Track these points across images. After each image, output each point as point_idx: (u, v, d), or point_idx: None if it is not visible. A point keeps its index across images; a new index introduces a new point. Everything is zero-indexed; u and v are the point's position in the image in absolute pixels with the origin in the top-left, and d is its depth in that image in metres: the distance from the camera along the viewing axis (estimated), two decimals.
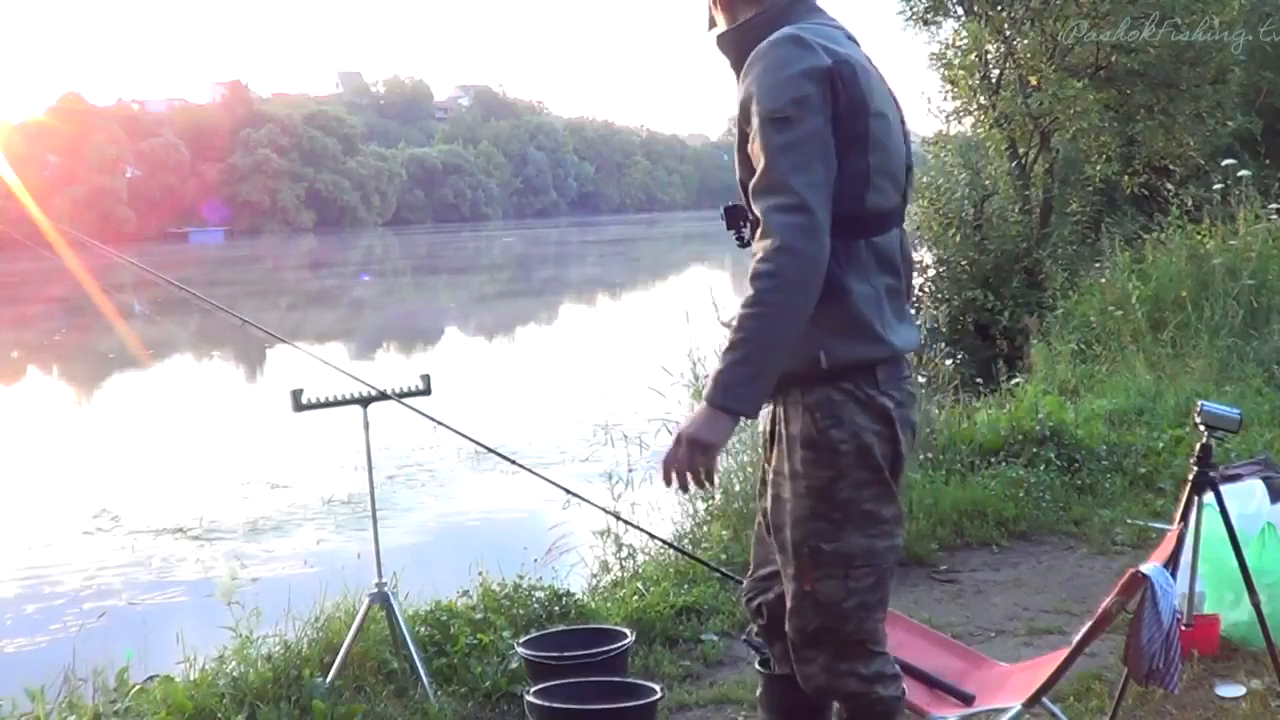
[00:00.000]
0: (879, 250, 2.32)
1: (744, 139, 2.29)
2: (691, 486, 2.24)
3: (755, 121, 2.22)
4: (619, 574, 5.01)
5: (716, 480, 2.31)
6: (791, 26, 2.28)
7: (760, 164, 2.21)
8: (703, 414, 2.19)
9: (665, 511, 5.87)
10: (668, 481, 2.25)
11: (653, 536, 4.43)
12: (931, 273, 12.12)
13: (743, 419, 2.28)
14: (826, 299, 2.21)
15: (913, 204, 12.31)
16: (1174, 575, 2.89)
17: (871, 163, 2.27)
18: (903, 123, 2.42)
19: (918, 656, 3.13)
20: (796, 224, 2.14)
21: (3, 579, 7.37)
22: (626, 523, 4.69)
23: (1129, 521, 5.45)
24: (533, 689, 3.36)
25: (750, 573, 2.63)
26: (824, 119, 2.19)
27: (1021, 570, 5.07)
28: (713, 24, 2.48)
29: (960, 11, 12.96)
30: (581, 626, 4.03)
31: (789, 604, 2.38)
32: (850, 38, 2.38)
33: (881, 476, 2.30)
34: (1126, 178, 12.30)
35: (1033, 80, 11.92)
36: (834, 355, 2.26)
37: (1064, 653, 2.78)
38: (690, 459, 2.20)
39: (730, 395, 2.17)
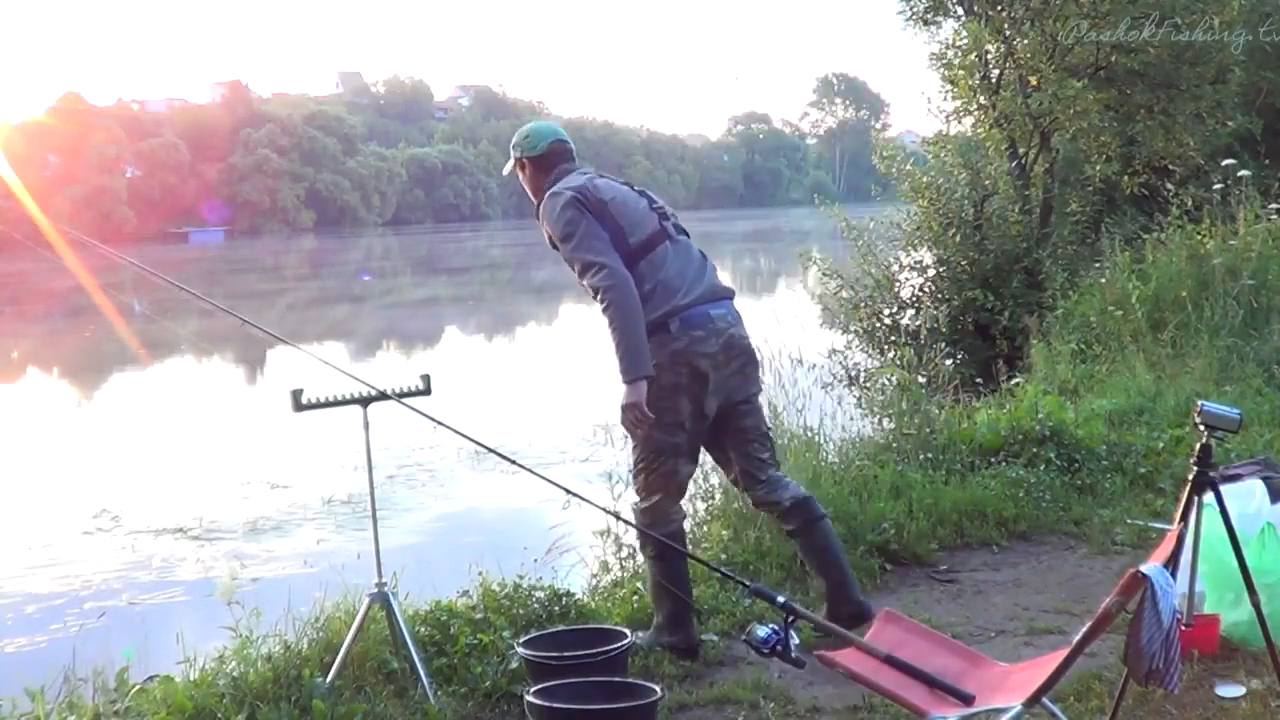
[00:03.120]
0: (652, 262, 3.99)
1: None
2: (640, 426, 3.93)
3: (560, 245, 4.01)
4: (619, 574, 5.02)
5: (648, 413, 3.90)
6: (555, 185, 4.08)
7: (572, 263, 3.98)
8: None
9: None
10: (631, 432, 4.01)
11: (653, 537, 4.42)
12: (931, 273, 12.10)
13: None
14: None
15: (912, 204, 12.40)
16: (1174, 575, 2.89)
17: (622, 225, 3.98)
18: (632, 187, 4.16)
19: (918, 656, 3.13)
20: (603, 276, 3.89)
21: (3, 579, 7.37)
22: (626, 523, 4.68)
23: (1129, 521, 5.45)
24: (533, 689, 3.36)
25: None
26: (587, 220, 3.94)
27: (1021, 570, 5.07)
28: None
29: (960, 11, 12.93)
30: (581, 626, 4.04)
31: None
32: (585, 173, 4.14)
33: (664, 393, 3.94)
34: (1126, 178, 12.27)
35: (1033, 80, 11.90)
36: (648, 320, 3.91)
37: (1064, 653, 2.78)
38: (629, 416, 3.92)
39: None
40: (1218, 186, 9.93)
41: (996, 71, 12.45)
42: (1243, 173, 9.71)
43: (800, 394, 6.27)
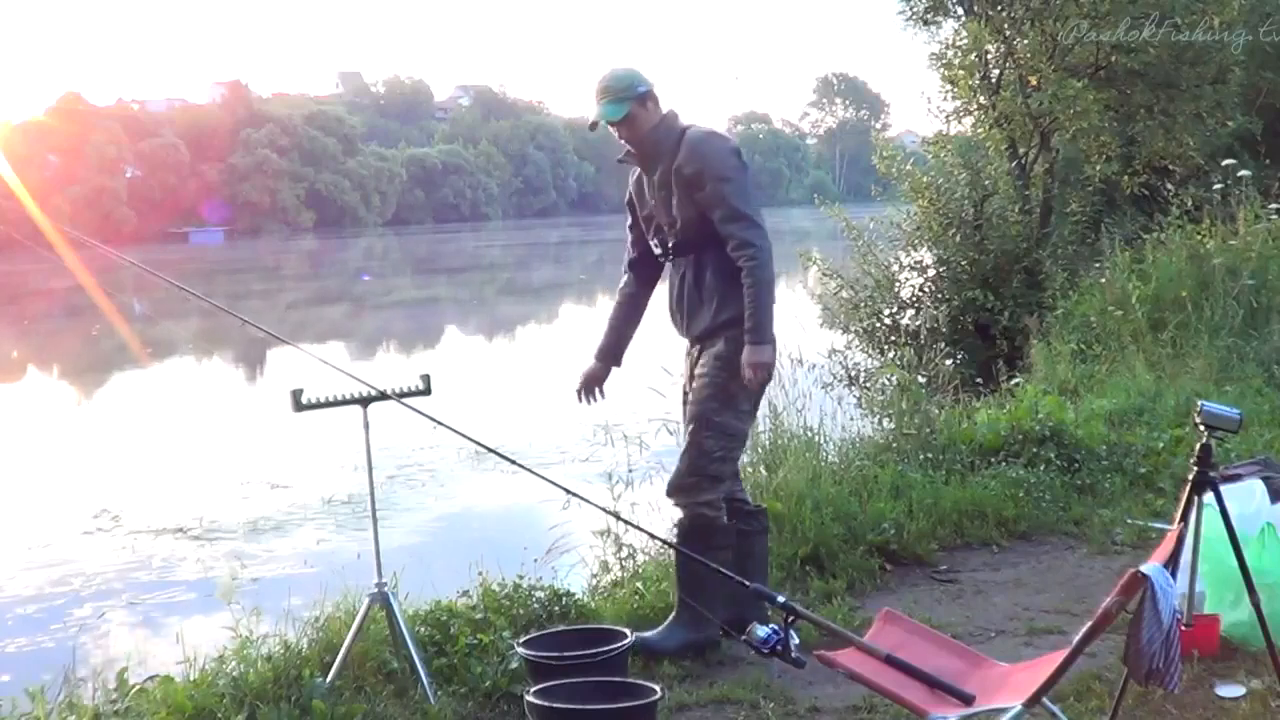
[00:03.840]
0: None
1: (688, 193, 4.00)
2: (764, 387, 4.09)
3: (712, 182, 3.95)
4: (619, 574, 5.01)
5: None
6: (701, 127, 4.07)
7: (724, 205, 3.95)
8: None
9: (665, 511, 5.85)
10: (759, 385, 4.02)
11: (653, 536, 4.41)
12: (931, 273, 12.09)
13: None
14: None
15: (912, 204, 12.40)
16: (1174, 575, 2.89)
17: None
18: None
19: (918, 656, 3.13)
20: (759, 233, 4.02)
21: (3, 579, 7.37)
22: (626, 523, 4.68)
23: (1129, 521, 5.45)
24: (533, 689, 3.36)
25: None
26: (746, 175, 4.06)
27: (1021, 570, 5.07)
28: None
29: (960, 11, 12.93)
30: (581, 626, 4.04)
31: (683, 448, 4.14)
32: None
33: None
34: (1126, 178, 12.27)
35: (1033, 80, 11.90)
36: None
37: (1064, 653, 2.78)
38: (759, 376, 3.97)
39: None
40: (1218, 186, 9.93)
41: (996, 71, 12.44)
42: (1243, 173, 9.71)
43: (800, 394, 6.27)
